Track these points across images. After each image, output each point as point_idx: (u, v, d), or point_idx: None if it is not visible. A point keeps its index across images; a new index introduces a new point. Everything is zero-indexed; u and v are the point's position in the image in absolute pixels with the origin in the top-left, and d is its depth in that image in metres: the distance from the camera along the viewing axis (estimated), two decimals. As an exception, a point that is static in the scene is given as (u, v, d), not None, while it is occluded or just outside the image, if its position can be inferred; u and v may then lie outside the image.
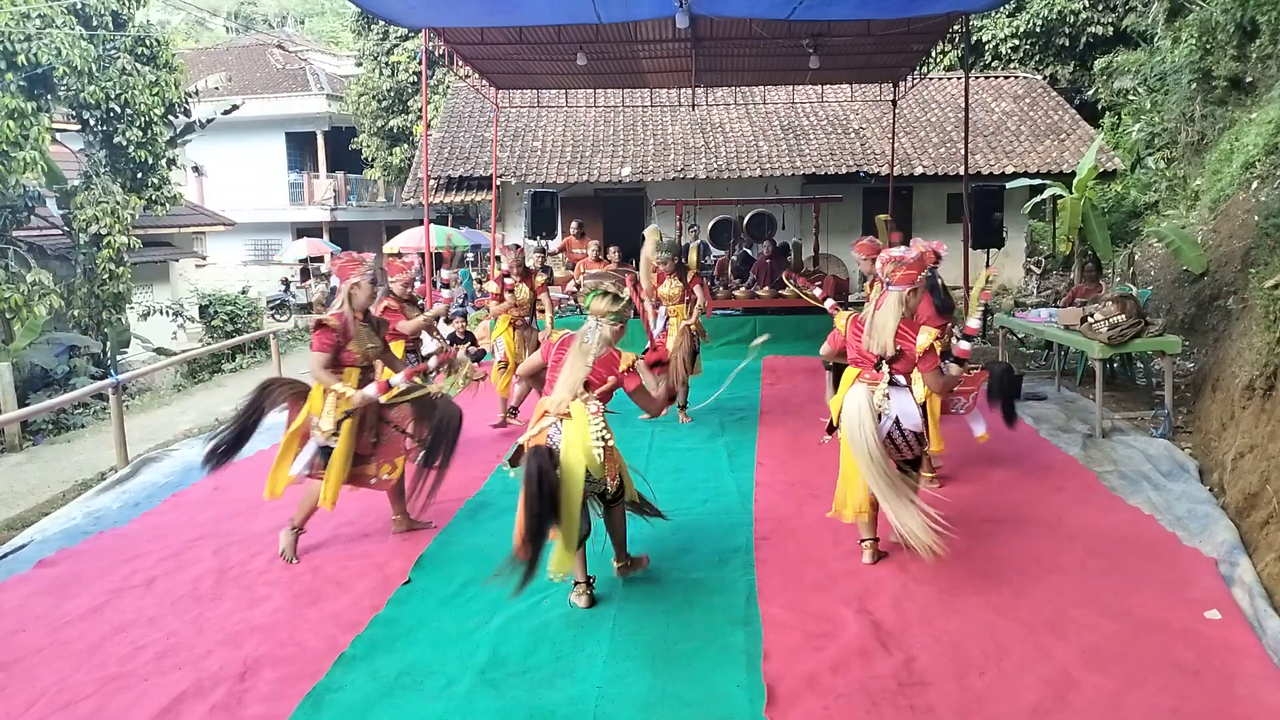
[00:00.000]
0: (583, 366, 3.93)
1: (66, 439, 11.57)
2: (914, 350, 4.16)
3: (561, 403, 3.90)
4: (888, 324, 4.20)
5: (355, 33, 26.60)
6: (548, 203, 13.28)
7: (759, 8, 9.17)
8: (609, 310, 4.04)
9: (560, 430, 3.90)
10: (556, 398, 3.93)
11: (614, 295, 4.07)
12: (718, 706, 3.33)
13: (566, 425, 3.87)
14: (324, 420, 4.64)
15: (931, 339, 4.14)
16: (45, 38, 12.90)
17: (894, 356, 4.21)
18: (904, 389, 4.26)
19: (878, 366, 4.25)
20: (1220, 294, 8.34)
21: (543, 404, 4.02)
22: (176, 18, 33.70)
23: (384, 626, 4.01)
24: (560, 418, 3.91)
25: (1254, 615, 3.83)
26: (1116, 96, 18.08)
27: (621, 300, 4.10)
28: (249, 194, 26.23)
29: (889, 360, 4.22)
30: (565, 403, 3.89)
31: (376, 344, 4.91)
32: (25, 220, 14.16)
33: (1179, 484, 5.51)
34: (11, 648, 3.91)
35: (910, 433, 4.27)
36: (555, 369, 4.04)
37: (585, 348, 3.97)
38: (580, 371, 3.93)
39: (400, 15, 11.09)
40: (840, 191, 14.92)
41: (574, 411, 3.86)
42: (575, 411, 3.86)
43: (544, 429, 3.94)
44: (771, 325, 10.79)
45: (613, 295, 4.07)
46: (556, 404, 3.92)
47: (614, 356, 4.01)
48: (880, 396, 4.22)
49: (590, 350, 3.96)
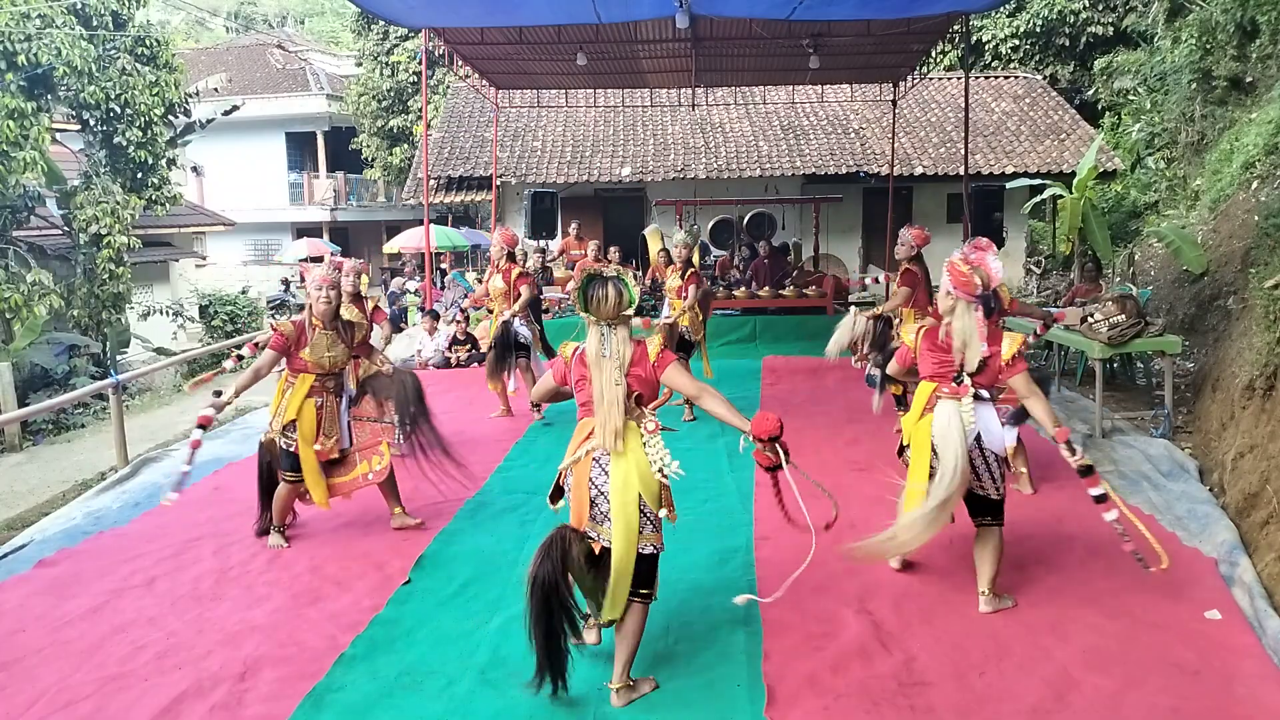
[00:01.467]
0: (616, 383, 3.23)
1: (66, 439, 11.58)
2: (999, 360, 3.84)
3: (614, 433, 3.23)
4: (973, 335, 3.84)
5: (355, 33, 26.60)
6: (548, 203, 13.28)
7: (759, 8, 9.17)
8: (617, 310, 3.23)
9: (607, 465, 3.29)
10: (606, 428, 3.24)
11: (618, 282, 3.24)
12: (718, 706, 3.33)
13: (616, 459, 3.25)
14: (274, 421, 4.84)
15: (1018, 345, 3.87)
16: (45, 38, 12.90)
17: (976, 369, 3.88)
18: (988, 403, 3.95)
19: (958, 380, 3.92)
20: (1220, 294, 8.33)
21: (585, 424, 3.36)
22: (176, 18, 33.68)
23: (384, 626, 4.00)
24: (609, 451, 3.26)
25: (1254, 615, 3.83)
26: (1116, 96, 18.08)
27: (630, 294, 3.24)
28: (249, 194, 26.22)
29: (971, 374, 3.89)
30: (617, 431, 3.23)
31: (338, 352, 4.90)
32: (25, 220, 14.16)
33: (1179, 484, 5.51)
34: (11, 648, 3.91)
35: (991, 455, 3.93)
36: (581, 390, 3.36)
37: (608, 362, 3.24)
38: (618, 389, 3.23)
39: (400, 15, 11.10)
40: (840, 191, 14.93)
41: (629, 441, 3.24)
42: (630, 440, 3.25)
43: (589, 454, 3.32)
44: (771, 325, 10.83)
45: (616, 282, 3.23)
46: (608, 435, 3.24)
47: (642, 350, 3.31)
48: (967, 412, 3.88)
49: (617, 361, 3.24)
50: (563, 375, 3.46)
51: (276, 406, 4.90)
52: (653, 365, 3.30)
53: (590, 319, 3.26)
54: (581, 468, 3.33)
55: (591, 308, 3.24)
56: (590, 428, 3.33)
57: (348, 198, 28.09)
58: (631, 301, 3.24)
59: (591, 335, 3.29)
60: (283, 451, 4.85)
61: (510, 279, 7.40)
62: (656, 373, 3.31)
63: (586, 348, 3.32)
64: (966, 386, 3.89)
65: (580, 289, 3.26)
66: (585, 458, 3.32)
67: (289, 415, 4.80)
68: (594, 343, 3.27)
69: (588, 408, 3.34)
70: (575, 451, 3.36)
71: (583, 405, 3.38)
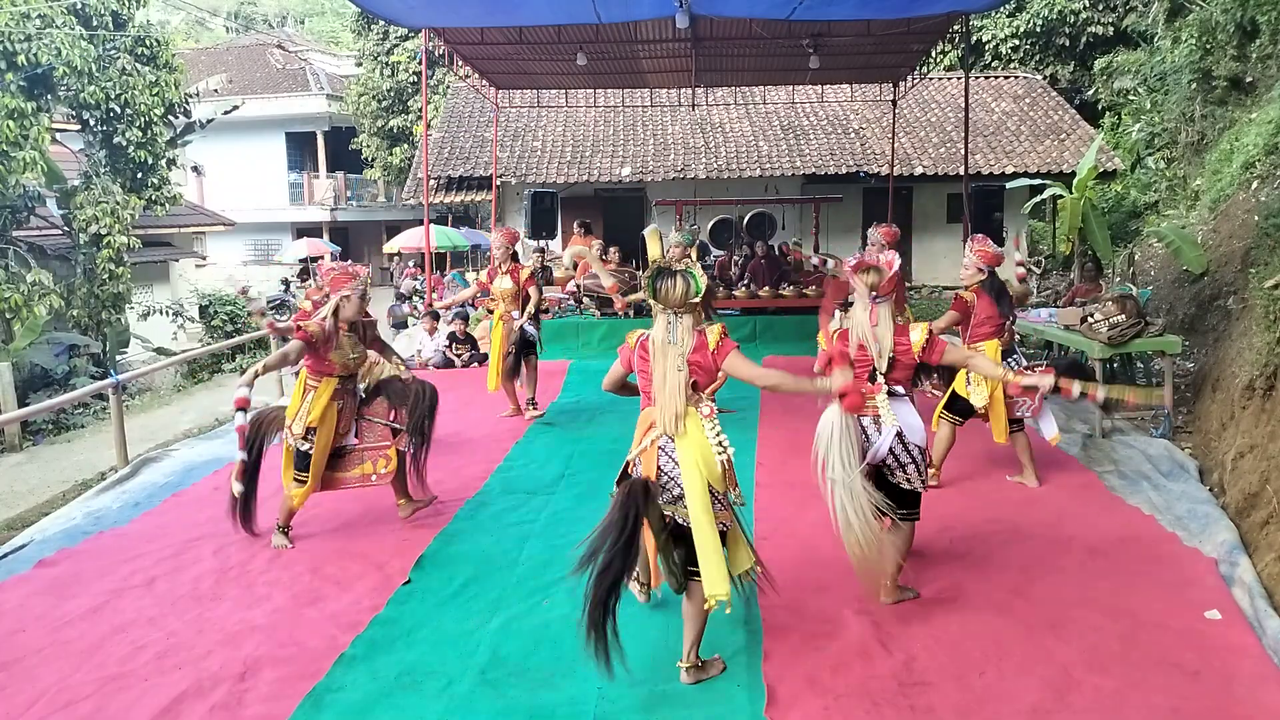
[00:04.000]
0: (679, 370, 3.38)
1: (66, 439, 11.58)
2: (911, 353, 3.95)
3: (675, 417, 3.38)
4: (867, 331, 3.98)
5: (355, 33, 26.63)
6: (548, 203, 13.29)
7: (759, 8, 9.18)
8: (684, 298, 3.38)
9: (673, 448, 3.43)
10: (666, 412, 3.39)
11: (687, 275, 3.39)
12: (718, 706, 3.33)
13: (680, 442, 3.40)
14: (295, 424, 4.81)
15: (925, 331, 3.98)
16: (45, 38, 12.90)
17: (889, 367, 3.97)
18: (903, 399, 4.02)
19: (872, 379, 3.99)
20: (1220, 294, 8.33)
21: (647, 415, 3.50)
22: (176, 18, 33.68)
23: (384, 626, 4.00)
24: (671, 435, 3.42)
25: (1254, 615, 3.83)
26: (1116, 96, 18.08)
27: (696, 284, 3.40)
28: (249, 194, 26.23)
29: (884, 372, 3.98)
30: (678, 415, 3.39)
31: (360, 353, 4.97)
32: (25, 220, 14.16)
33: (1179, 484, 5.51)
34: (11, 648, 3.91)
35: (915, 447, 3.97)
36: (644, 377, 3.51)
37: (672, 349, 3.39)
38: (680, 375, 3.38)
39: (400, 15, 11.10)
40: (840, 191, 14.93)
41: (689, 424, 3.40)
42: (690, 423, 3.40)
43: (654, 442, 3.46)
44: (771, 325, 10.83)
45: (685, 275, 3.39)
46: (669, 419, 3.39)
47: (702, 340, 3.43)
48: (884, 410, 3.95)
49: (680, 348, 3.39)
50: (628, 361, 3.59)
51: (296, 410, 4.84)
52: (712, 353, 3.43)
53: (659, 307, 3.42)
54: (649, 456, 3.45)
55: (660, 296, 3.39)
56: (652, 418, 3.46)
57: (348, 198, 28.10)
58: (698, 291, 3.40)
59: (659, 322, 3.44)
60: (297, 453, 4.87)
61: (519, 279, 7.36)
62: (716, 360, 3.44)
63: (652, 334, 3.46)
64: (880, 385, 3.96)
65: (649, 279, 3.43)
66: (651, 447, 3.45)
67: (313, 419, 4.79)
68: (660, 329, 3.43)
69: (649, 396, 3.48)
70: (641, 441, 3.50)
71: (645, 392, 3.51)
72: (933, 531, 4.91)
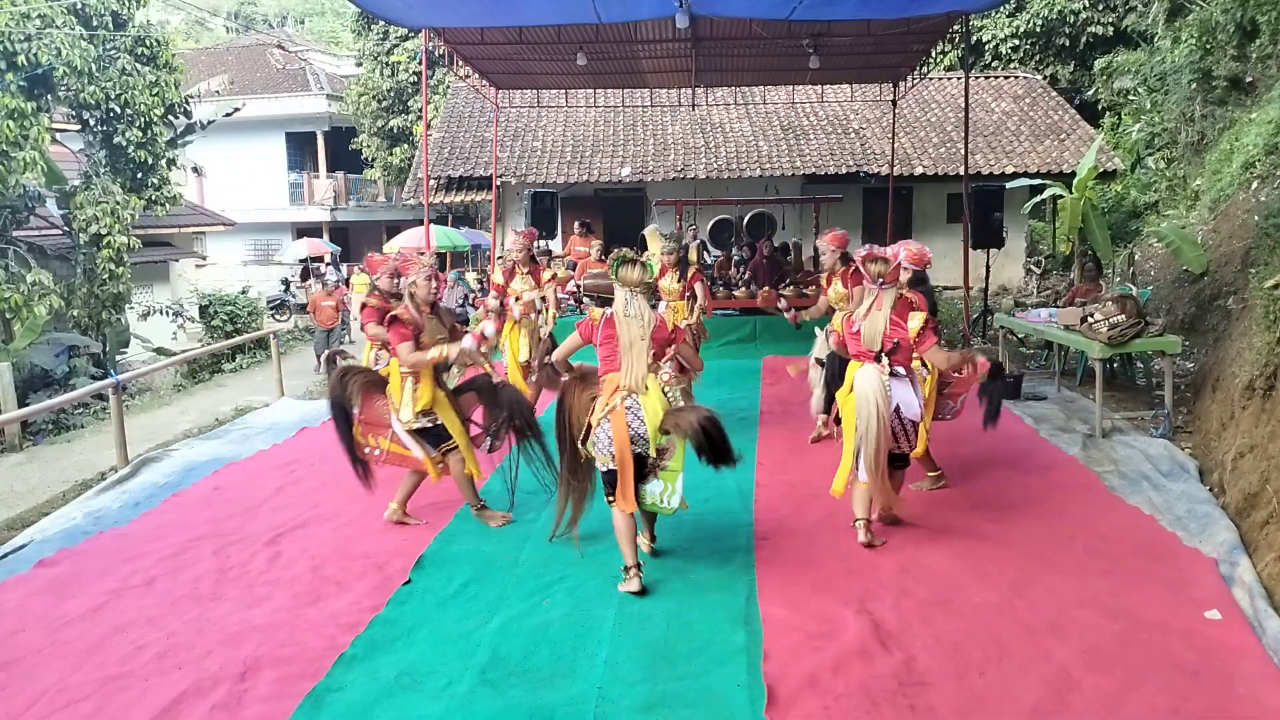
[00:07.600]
0: (641, 338, 4.16)
1: (66, 439, 11.56)
2: (908, 337, 4.51)
3: (640, 378, 4.15)
4: (878, 323, 4.56)
5: (355, 33, 26.61)
6: (548, 203, 13.29)
7: (759, 8, 9.17)
8: (640, 280, 4.20)
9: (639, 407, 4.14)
10: (633, 375, 4.15)
11: (643, 264, 4.20)
12: (718, 706, 3.33)
13: (643, 399, 4.14)
14: (403, 410, 4.95)
15: (922, 321, 4.50)
16: (45, 38, 12.88)
17: (892, 349, 4.55)
18: (904, 379, 4.63)
19: (877, 359, 4.58)
20: (1220, 294, 8.34)
21: (613, 380, 4.20)
22: (176, 18, 33.69)
23: (384, 626, 4.01)
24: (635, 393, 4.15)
25: (1254, 615, 3.83)
26: (1116, 96, 18.08)
27: (650, 270, 4.28)
28: (249, 194, 26.21)
29: (888, 353, 4.56)
30: (642, 378, 4.16)
31: (445, 335, 5.13)
32: (25, 220, 14.14)
33: (1179, 484, 5.51)
34: (11, 648, 3.91)
35: (909, 422, 4.67)
36: (608, 346, 4.23)
37: (633, 320, 4.19)
38: (643, 342, 4.16)
39: (400, 15, 11.09)
40: (840, 191, 14.91)
41: (650, 386, 4.16)
42: (651, 386, 4.17)
43: (622, 402, 4.14)
44: (771, 326, 10.82)
45: (642, 264, 4.20)
46: (635, 380, 4.15)
47: (661, 321, 4.28)
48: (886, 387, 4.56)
49: (644, 323, 4.19)
50: (589, 334, 4.31)
51: (400, 400, 4.96)
52: (671, 332, 4.31)
53: (619, 285, 4.24)
54: (618, 417, 4.13)
55: (620, 277, 4.23)
56: (615, 381, 4.18)
57: (348, 198, 28.08)
58: (652, 274, 4.35)
59: (619, 296, 4.26)
60: (427, 432, 4.99)
61: (540, 281, 7.12)
62: (674, 338, 4.35)
63: (615, 309, 4.24)
64: (884, 366, 4.56)
65: (614, 263, 4.25)
66: (620, 407, 4.14)
67: (423, 402, 4.94)
68: (620, 303, 4.24)
69: (611, 362, 4.21)
70: (608, 403, 4.17)
71: (606, 359, 4.24)
72: (933, 531, 4.92)
